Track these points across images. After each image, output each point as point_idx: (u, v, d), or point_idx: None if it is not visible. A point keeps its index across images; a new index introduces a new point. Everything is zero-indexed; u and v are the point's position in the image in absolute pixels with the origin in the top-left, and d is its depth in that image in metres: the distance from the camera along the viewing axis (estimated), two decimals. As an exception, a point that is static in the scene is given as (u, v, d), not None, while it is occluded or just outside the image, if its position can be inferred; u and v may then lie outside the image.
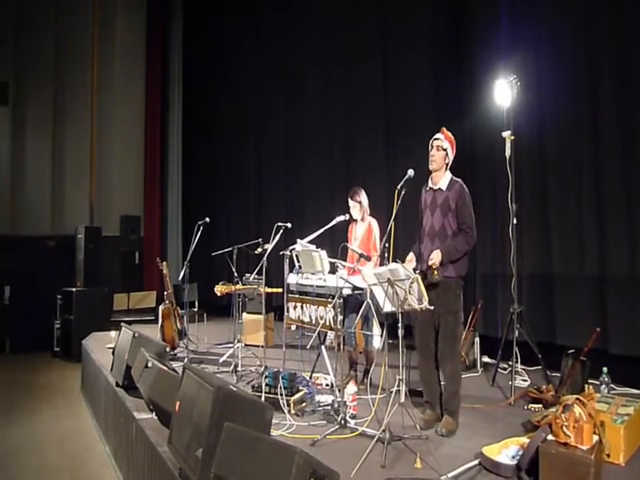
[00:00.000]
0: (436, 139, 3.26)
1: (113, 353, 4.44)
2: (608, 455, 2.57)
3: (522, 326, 3.99)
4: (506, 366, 4.54)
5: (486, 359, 4.90)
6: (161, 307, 5.44)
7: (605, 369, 3.42)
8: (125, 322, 4.71)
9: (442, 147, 3.23)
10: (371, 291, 2.90)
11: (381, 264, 3.44)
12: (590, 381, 3.61)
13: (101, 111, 9.71)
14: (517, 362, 4.01)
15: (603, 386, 3.36)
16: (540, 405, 3.53)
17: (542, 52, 4.56)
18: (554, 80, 4.46)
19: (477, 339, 4.71)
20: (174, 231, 10.33)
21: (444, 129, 3.31)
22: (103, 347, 5.56)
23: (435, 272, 2.96)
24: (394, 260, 2.75)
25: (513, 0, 4.88)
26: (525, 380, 4.23)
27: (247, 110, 9.13)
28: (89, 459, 4.08)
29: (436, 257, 3.05)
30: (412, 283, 2.56)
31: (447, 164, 3.28)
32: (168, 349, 4.26)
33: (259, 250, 4.55)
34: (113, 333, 5.69)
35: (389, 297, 2.69)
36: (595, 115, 4.31)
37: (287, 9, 8.22)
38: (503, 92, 4.12)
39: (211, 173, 10.19)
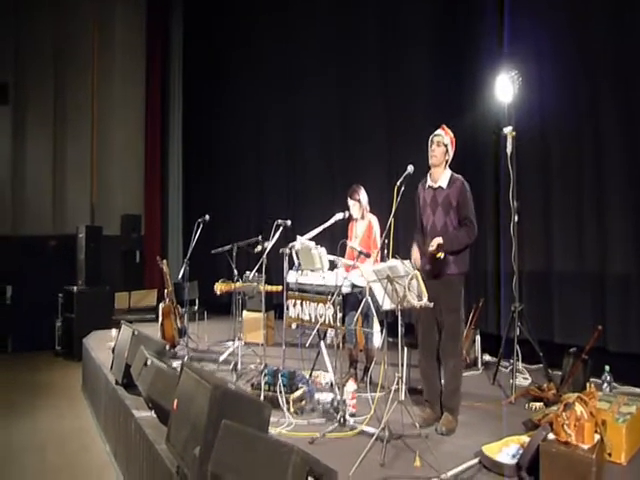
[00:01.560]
0: (436, 135, 3.25)
1: (113, 351, 4.44)
2: (610, 454, 2.54)
3: (523, 324, 3.96)
4: (507, 364, 4.52)
5: (487, 357, 4.87)
6: (161, 305, 5.43)
7: (607, 367, 3.40)
8: (126, 320, 4.70)
9: (443, 142, 3.21)
10: (370, 288, 2.87)
11: (382, 261, 3.42)
12: (592, 379, 3.59)
13: (102, 110, 9.71)
14: (518, 360, 3.98)
15: (605, 384, 3.33)
16: (541, 403, 3.50)
17: (543, 47, 4.53)
18: (555, 75, 4.42)
19: (478, 337, 4.68)
20: (175, 229, 10.33)
21: (444, 126, 3.29)
22: (104, 345, 5.56)
23: (438, 255, 2.92)
24: (393, 256, 2.72)
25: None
26: (526, 378, 4.21)
27: (247, 108, 9.11)
28: (89, 457, 4.08)
29: (435, 242, 3.02)
30: (411, 279, 2.53)
31: (447, 160, 3.26)
32: (168, 347, 4.25)
33: (259, 248, 4.53)
34: (114, 331, 5.67)
35: (388, 294, 2.66)
36: (596, 111, 4.27)
37: (286, 9, 8.21)
38: (504, 88, 4.09)
39: (211, 171, 10.18)
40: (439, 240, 3.01)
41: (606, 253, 4.28)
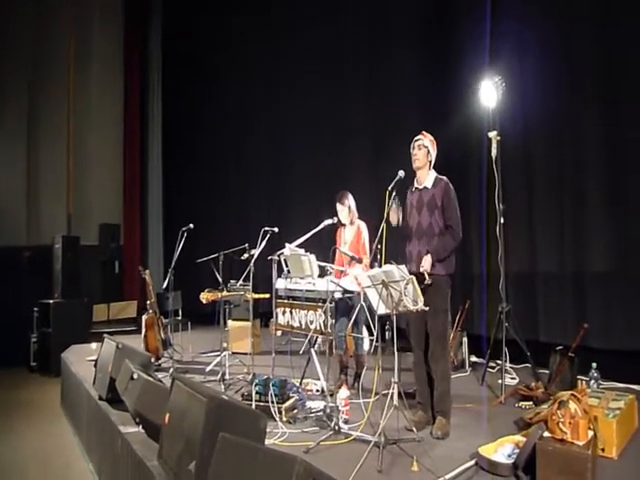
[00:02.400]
0: (417, 139, 3.32)
1: (95, 366, 4.31)
2: (603, 449, 2.59)
3: (510, 324, 4.01)
4: (494, 365, 4.57)
5: (474, 358, 4.92)
6: (144, 316, 5.31)
7: (594, 364, 3.46)
8: (106, 333, 4.59)
9: (423, 145, 3.28)
10: (365, 294, 2.86)
11: (371, 266, 3.42)
12: (578, 377, 3.65)
13: (79, 117, 9.48)
14: (506, 360, 4.03)
15: (592, 381, 3.39)
16: (531, 402, 3.55)
17: (526, 53, 4.64)
18: (538, 81, 4.54)
19: (465, 339, 4.73)
20: (155, 239, 10.14)
21: (424, 132, 3.35)
22: (84, 360, 5.40)
23: (427, 277, 2.97)
24: (387, 262, 2.72)
25: (498, 1, 4.94)
26: (514, 378, 4.26)
27: (229, 116, 9.05)
28: (72, 477, 3.94)
29: (427, 264, 3.08)
30: (407, 284, 2.53)
31: (430, 162, 3.31)
32: (153, 359, 4.15)
33: (245, 256, 4.49)
34: (94, 345, 5.54)
35: (383, 299, 2.66)
36: (577, 116, 4.40)
37: (269, 16, 8.21)
38: (489, 93, 4.16)
39: (193, 179, 10.05)
40: (429, 262, 3.07)
41: (585, 253, 4.39)
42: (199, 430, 2.24)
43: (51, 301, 7.44)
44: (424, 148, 3.27)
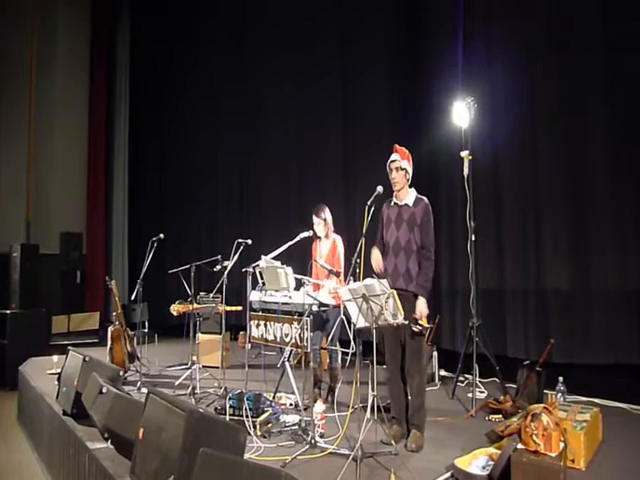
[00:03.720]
0: (393, 161, 3.31)
1: (58, 379, 4.13)
2: (573, 460, 2.68)
3: (480, 339, 4.12)
4: (463, 379, 4.67)
5: (443, 372, 5.01)
6: (110, 328, 5.14)
7: (561, 378, 3.60)
8: (66, 345, 4.42)
9: (401, 167, 3.29)
10: (345, 307, 2.89)
11: (346, 281, 3.45)
12: (545, 391, 3.78)
13: (40, 122, 9.14)
14: (476, 375, 4.12)
15: (559, 394, 3.52)
16: (500, 415, 3.65)
17: (496, 74, 4.84)
18: (508, 101, 4.74)
19: (435, 353, 4.81)
20: (119, 249, 9.83)
21: (396, 146, 3.36)
22: (44, 373, 5.17)
23: (425, 322, 3.07)
24: (370, 276, 2.76)
25: (469, 22, 5.14)
26: (482, 392, 4.36)
27: (199, 122, 8.96)
28: (30, 496, 3.74)
29: (423, 309, 3.14)
30: (388, 298, 2.58)
31: (408, 180, 3.35)
32: (121, 373, 4.01)
33: (218, 267, 4.44)
34: (55, 358, 5.30)
35: (363, 313, 2.69)
36: (544, 137, 4.61)
37: (241, 24, 8.22)
38: (461, 113, 4.31)
39: (160, 187, 9.87)
40: (424, 307, 3.16)
41: (548, 270, 4.58)
42: (177, 444, 2.18)
43: (8, 311, 7.10)
44: (402, 170, 3.28)
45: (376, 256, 3.25)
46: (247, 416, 3.33)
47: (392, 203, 3.39)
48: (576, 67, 4.36)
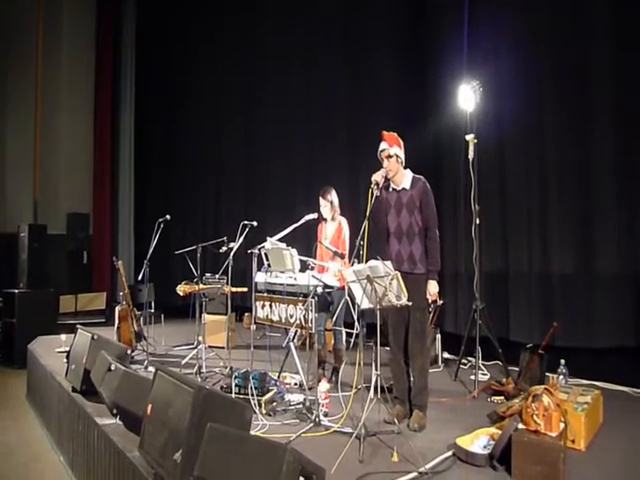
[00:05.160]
0: (382, 150, 3.28)
1: (67, 357, 4.21)
2: (573, 441, 2.72)
3: (483, 322, 4.15)
4: (465, 361, 4.72)
5: (446, 355, 5.06)
6: (118, 308, 5.22)
7: (563, 361, 3.63)
8: (73, 325, 4.49)
9: (389, 155, 3.25)
10: (349, 288, 2.91)
11: (350, 263, 3.47)
12: (547, 374, 3.82)
13: (46, 102, 9.14)
14: (479, 357, 4.16)
15: (561, 377, 3.56)
16: (502, 397, 3.69)
17: (502, 57, 4.79)
18: (513, 85, 4.69)
19: (438, 335, 4.85)
20: (125, 229, 9.91)
21: (384, 133, 3.31)
22: (52, 351, 5.25)
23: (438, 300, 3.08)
24: (374, 257, 2.77)
25: (475, 6, 5.06)
26: (485, 374, 4.41)
27: (205, 103, 8.92)
28: (42, 470, 3.83)
29: (434, 289, 3.20)
30: (392, 280, 2.60)
31: (401, 163, 3.31)
32: (129, 351, 4.08)
33: (224, 249, 4.47)
34: (63, 336, 5.39)
35: (367, 294, 2.72)
36: (550, 119, 4.56)
37: (247, 11, 8.13)
38: (466, 97, 4.27)
39: (166, 170, 9.87)
40: (436, 287, 3.22)
41: (553, 254, 4.58)
42: (185, 420, 2.23)
43: (16, 291, 7.19)
44: (393, 157, 3.25)
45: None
46: (252, 395, 3.39)
47: (390, 189, 3.37)
48: (583, 49, 4.30)
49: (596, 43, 4.24)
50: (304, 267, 3.76)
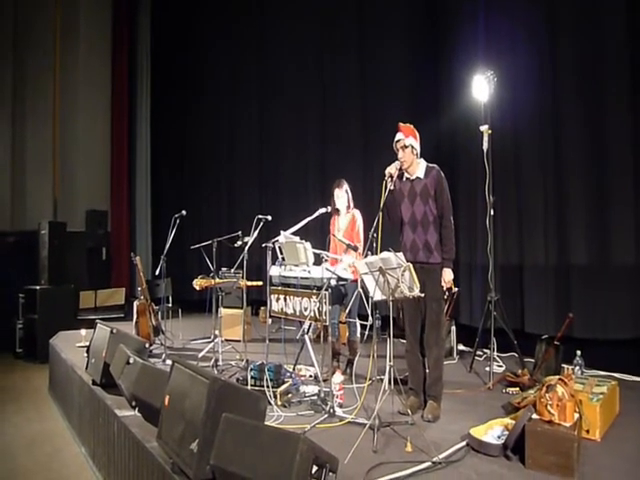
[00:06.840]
0: (398, 141, 3.28)
1: (87, 351, 4.31)
2: (588, 431, 2.71)
3: (498, 314, 4.13)
4: (480, 353, 4.70)
5: (461, 347, 5.04)
6: (136, 303, 5.31)
7: (579, 352, 3.60)
8: (93, 320, 4.59)
9: (405, 145, 3.25)
10: (362, 280, 2.93)
11: (365, 255, 3.48)
12: (562, 365, 3.79)
13: (65, 101, 9.30)
14: (494, 349, 4.14)
15: (577, 368, 3.53)
16: (517, 388, 3.68)
17: (517, 47, 4.72)
18: (529, 75, 4.63)
19: (453, 327, 4.84)
20: (143, 225, 10.05)
21: (400, 124, 3.31)
22: (73, 346, 5.38)
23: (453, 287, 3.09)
24: (387, 249, 2.78)
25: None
26: (500, 366, 4.39)
27: (219, 99, 8.99)
28: (64, 461, 3.94)
29: (449, 277, 3.22)
30: (404, 271, 2.61)
31: (416, 154, 3.31)
32: (147, 345, 4.17)
33: (239, 243, 4.52)
34: (83, 331, 5.51)
35: (380, 286, 2.73)
36: (566, 111, 4.50)
37: (263, 6, 8.14)
38: (481, 87, 4.23)
39: (181, 166, 9.99)
40: (450, 274, 3.24)
41: (569, 246, 4.52)
42: (201, 411, 2.29)
43: (37, 287, 7.38)
44: (407, 148, 3.25)
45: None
46: (268, 386, 3.43)
47: (404, 178, 3.37)
48: (599, 38, 4.22)
49: (612, 33, 4.16)
50: (318, 260, 3.78)
